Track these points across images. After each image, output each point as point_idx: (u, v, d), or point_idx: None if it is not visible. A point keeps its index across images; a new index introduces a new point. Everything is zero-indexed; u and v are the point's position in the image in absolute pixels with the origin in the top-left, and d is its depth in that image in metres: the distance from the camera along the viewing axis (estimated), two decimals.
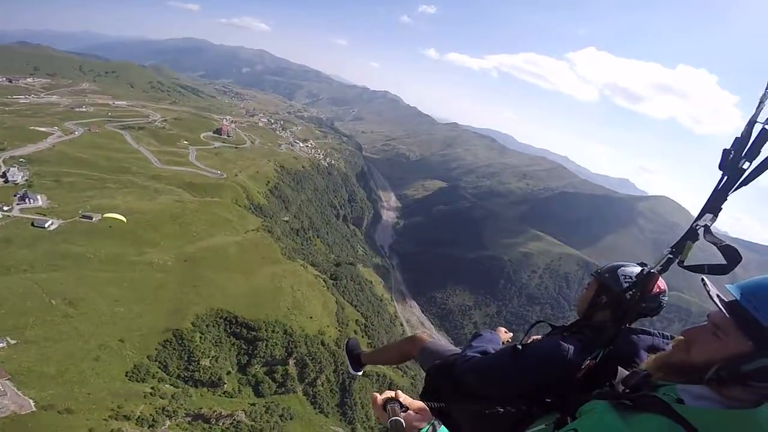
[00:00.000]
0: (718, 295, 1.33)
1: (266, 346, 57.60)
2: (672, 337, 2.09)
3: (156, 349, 50.19)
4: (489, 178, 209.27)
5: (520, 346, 2.23)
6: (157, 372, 48.80)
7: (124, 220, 50.72)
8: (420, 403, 1.74)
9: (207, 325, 55.20)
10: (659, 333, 2.18)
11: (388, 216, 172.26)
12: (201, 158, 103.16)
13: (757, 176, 1.80)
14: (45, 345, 43.75)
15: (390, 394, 1.68)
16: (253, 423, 48.74)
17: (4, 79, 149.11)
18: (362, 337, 70.95)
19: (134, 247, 62.64)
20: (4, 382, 38.65)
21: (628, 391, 1.50)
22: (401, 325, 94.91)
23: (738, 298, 1.26)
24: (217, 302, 57.87)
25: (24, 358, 41.59)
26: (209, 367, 52.59)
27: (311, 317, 65.48)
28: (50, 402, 38.58)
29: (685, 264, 1.94)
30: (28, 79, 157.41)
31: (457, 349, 2.87)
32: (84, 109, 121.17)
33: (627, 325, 2.18)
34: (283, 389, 56.75)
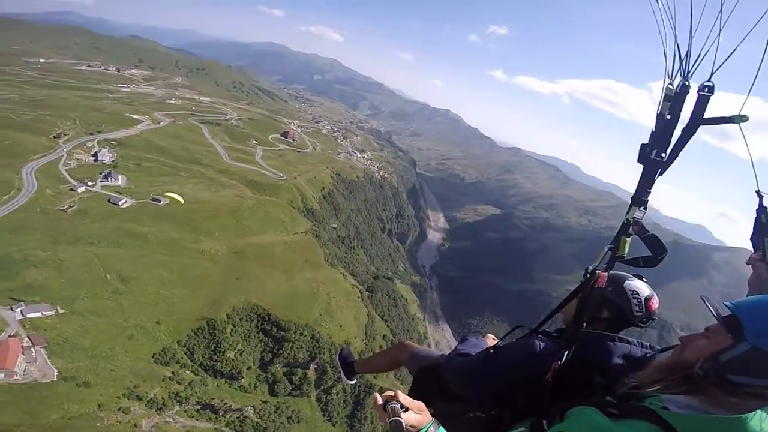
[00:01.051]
0: (709, 304, 1.47)
1: (292, 347, 58.94)
2: (651, 347, 2.18)
3: (187, 335, 52.35)
4: (547, 210, 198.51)
5: (492, 349, 2.28)
6: (182, 357, 50.85)
7: (182, 201, 55.33)
8: (420, 403, 1.73)
9: (240, 319, 57.23)
10: (638, 342, 2.16)
11: (434, 236, 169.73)
12: (266, 158, 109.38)
13: (670, 164, 1.95)
14: (88, 318, 47.22)
15: (390, 393, 1.70)
16: (259, 420, 49.51)
17: (114, 68, 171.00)
18: None
19: (191, 234, 67.22)
20: (38, 350, 41.67)
21: (615, 401, 1.56)
22: (429, 346, 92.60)
23: (727, 305, 1.42)
24: (254, 297, 60.20)
25: (65, 328, 44.88)
26: (232, 360, 54.23)
27: (341, 326, 66.31)
28: (73, 374, 41.07)
29: (624, 259, 2.08)
30: (133, 70, 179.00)
31: (445, 353, 2.92)
32: (173, 102, 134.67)
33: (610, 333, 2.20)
34: (297, 392, 57.58)
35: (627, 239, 2.07)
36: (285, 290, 64.57)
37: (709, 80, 1.83)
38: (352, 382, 4.17)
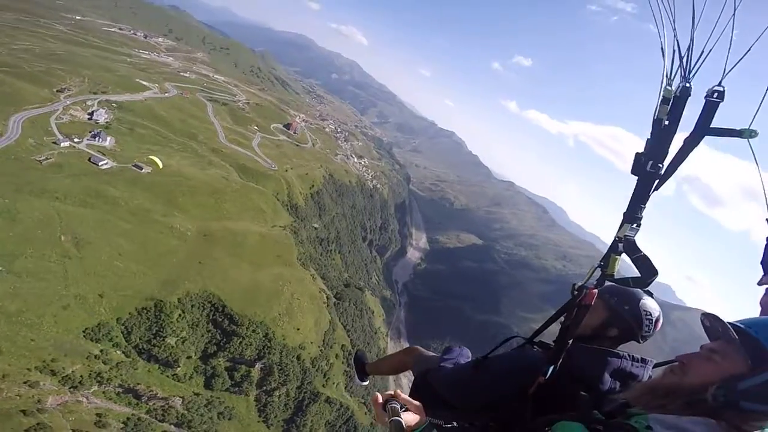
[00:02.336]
0: (722, 320, 1.41)
1: (240, 343, 56.75)
2: (642, 360, 2.08)
3: (129, 314, 49.28)
4: (527, 249, 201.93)
5: (482, 358, 2.30)
6: (117, 336, 47.72)
7: (160, 165, 53.07)
8: (418, 403, 1.79)
9: (192, 305, 54.61)
10: (629, 355, 2.07)
11: (413, 254, 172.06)
12: (262, 146, 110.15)
13: (667, 178, 1.82)
14: (25, 280, 43.61)
15: (390, 393, 1.74)
16: (185, 412, 47.78)
17: (142, 34, 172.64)
18: (341, 362, 70.24)
19: (165, 207, 65.63)
20: None
21: (601, 416, 1.57)
22: None
23: (741, 326, 1.35)
24: (213, 285, 57.96)
25: None
26: (172, 347, 51.40)
27: (298, 329, 64.62)
28: None
29: (614, 277, 2.05)
30: (159, 39, 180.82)
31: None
32: (187, 75, 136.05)
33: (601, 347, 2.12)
34: (236, 389, 55.99)
35: (617, 257, 1.99)
36: (247, 283, 61.79)
37: (719, 84, 1.67)
38: (365, 383, 4.24)
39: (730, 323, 1.39)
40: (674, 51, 1.77)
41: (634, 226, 1.91)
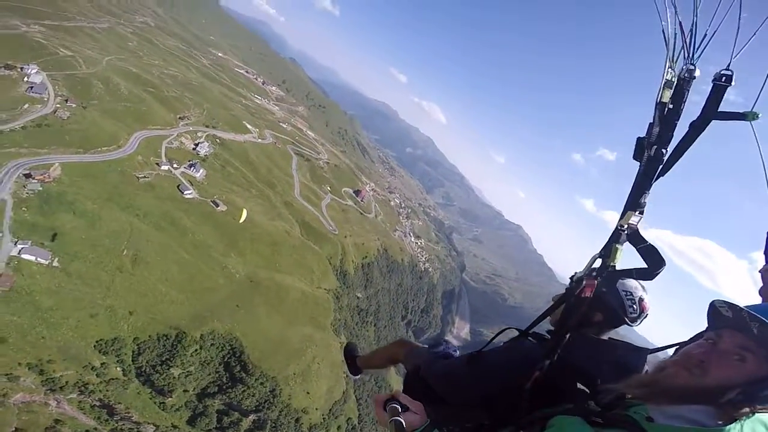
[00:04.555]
0: (755, 314, 1.28)
1: (243, 391, 55.15)
2: (637, 348, 2.06)
3: (149, 336, 50.11)
4: None
5: (476, 353, 2.24)
6: (126, 354, 48.14)
7: (243, 218, 57.90)
8: (419, 403, 1.71)
9: (212, 344, 55.13)
10: (623, 344, 2.05)
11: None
12: (330, 207, 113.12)
13: (672, 165, 1.73)
14: (73, 281, 46.28)
15: (390, 393, 1.72)
16: None
17: (261, 80, 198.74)
18: None
19: (225, 247, 68.52)
20: None
21: (600, 409, 1.51)
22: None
23: None
24: (239, 330, 58.15)
25: (41, 281, 43.92)
26: (173, 377, 51.05)
27: (308, 393, 61.63)
28: (3, 324, 39.17)
29: (616, 269, 1.92)
30: (273, 87, 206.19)
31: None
32: (284, 126, 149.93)
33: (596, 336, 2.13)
34: None
35: (619, 247, 1.87)
36: (274, 335, 62.00)
37: (727, 68, 1.58)
38: (357, 377, 4.24)
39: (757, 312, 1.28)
40: (675, 32, 1.71)
41: (638, 213, 1.83)
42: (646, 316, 2.14)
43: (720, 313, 1.41)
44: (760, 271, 1.97)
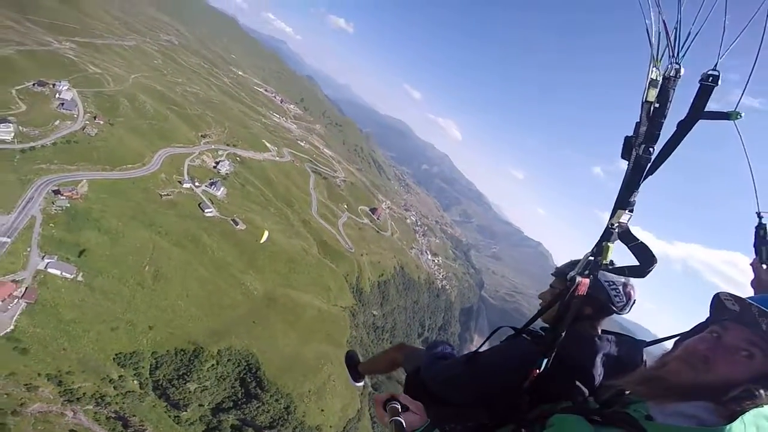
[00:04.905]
0: (765, 311, 1.24)
1: (258, 408, 54.76)
2: (634, 341, 2.13)
3: (167, 351, 50.55)
4: None
5: (474, 353, 2.25)
6: (143, 367, 48.56)
7: (263, 239, 57.28)
8: (419, 403, 1.72)
9: (228, 360, 55.23)
10: (618, 336, 2.09)
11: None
12: (346, 226, 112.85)
13: (660, 164, 1.76)
14: (95, 295, 47.34)
15: (390, 393, 1.73)
16: None
17: (279, 98, 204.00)
18: None
19: (244, 264, 68.96)
20: (20, 303, 41.08)
21: (599, 406, 1.50)
22: None
23: None
24: (256, 346, 58.18)
25: (65, 295, 44.87)
26: (189, 392, 50.80)
27: (323, 410, 60.99)
28: (23, 337, 39.95)
29: (609, 267, 1.96)
30: (291, 105, 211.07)
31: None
32: (302, 144, 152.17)
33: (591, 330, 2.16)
34: None
35: (610, 245, 1.90)
36: (290, 352, 61.89)
37: (714, 68, 1.62)
38: (360, 384, 4.37)
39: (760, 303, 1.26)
40: (660, 31, 1.72)
41: (628, 212, 1.86)
42: (634, 303, 2.13)
43: (725, 306, 1.36)
44: (751, 264, 2.03)
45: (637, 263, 1.88)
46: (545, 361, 1.89)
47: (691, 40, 1.65)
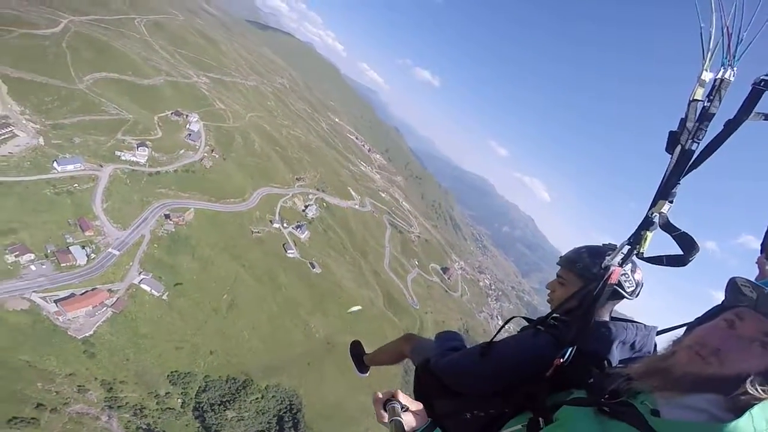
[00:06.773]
0: None
1: None
2: (646, 327, 2.07)
3: (219, 377, 51.78)
4: None
5: (488, 344, 2.19)
6: (191, 389, 49.34)
7: (353, 310, 60.00)
8: (419, 403, 1.72)
9: (273, 396, 55.10)
10: (634, 324, 2.06)
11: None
12: (415, 282, 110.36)
13: (706, 158, 1.78)
14: (172, 314, 50.60)
15: (390, 392, 1.72)
16: None
17: (368, 147, 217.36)
18: None
19: (313, 306, 70.40)
20: (105, 312, 44.72)
21: (606, 396, 1.44)
22: None
23: None
24: (303, 388, 57.94)
25: (147, 311, 48.48)
26: (226, 419, 50.52)
27: None
28: (97, 342, 42.73)
29: (644, 256, 1.92)
30: (377, 155, 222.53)
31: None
32: (383, 195, 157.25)
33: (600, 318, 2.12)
34: None
35: (649, 234, 1.89)
36: (334, 400, 60.48)
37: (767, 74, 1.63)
38: (365, 376, 4.28)
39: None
40: (714, 33, 1.74)
41: (669, 202, 1.87)
42: (642, 287, 2.12)
43: (741, 292, 1.29)
44: (756, 262, 2.04)
45: (680, 252, 1.80)
46: (569, 350, 1.85)
47: (747, 46, 1.65)
